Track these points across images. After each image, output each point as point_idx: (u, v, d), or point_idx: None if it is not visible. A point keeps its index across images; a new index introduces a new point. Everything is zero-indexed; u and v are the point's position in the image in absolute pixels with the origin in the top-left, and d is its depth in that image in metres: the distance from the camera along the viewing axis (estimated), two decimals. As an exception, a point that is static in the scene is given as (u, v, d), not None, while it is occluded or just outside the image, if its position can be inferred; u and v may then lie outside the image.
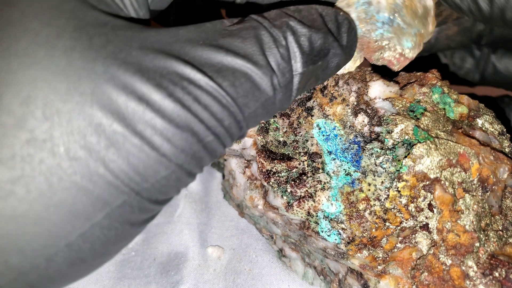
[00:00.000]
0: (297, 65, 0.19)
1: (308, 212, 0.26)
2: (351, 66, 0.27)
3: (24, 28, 0.16)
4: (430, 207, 0.25)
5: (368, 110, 0.27)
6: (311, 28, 0.20)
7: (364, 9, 0.25)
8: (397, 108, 0.27)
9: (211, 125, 0.17)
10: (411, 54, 0.26)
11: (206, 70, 0.17)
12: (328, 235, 0.26)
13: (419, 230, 0.25)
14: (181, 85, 0.16)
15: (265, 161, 0.28)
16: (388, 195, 0.25)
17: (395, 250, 0.25)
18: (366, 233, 0.25)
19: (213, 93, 0.17)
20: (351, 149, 0.27)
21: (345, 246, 0.25)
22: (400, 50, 0.26)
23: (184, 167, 0.17)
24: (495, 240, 0.26)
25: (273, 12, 0.20)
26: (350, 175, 0.26)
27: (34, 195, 0.15)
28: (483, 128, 0.28)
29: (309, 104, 0.29)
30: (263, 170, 0.27)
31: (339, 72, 0.27)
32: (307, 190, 0.26)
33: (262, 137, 0.29)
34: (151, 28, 0.18)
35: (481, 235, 0.25)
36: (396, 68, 0.26)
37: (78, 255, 0.17)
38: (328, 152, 0.27)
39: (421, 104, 0.27)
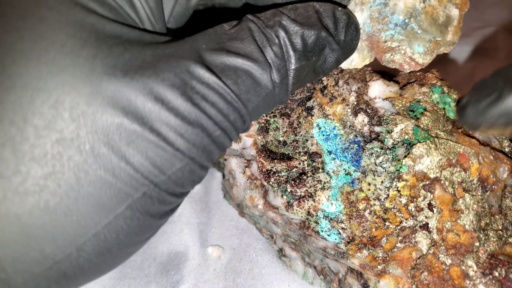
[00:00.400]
0: (290, 62, 0.21)
1: (308, 212, 0.26)
2: (358, 63, 0.26)
3: (52, 40, 0.17)
4: (430, 206, 0.25)
5: (368, 110, 0.27)
6: (303, 25, 0.21)
7: (379, 8, 0.24)
8: (397, 107, 0.27)
9: (218, 121, 0.19)
10: (422, 60, 0.25)
11: (212, 70, 0.19)
12: (328, 235, 0.26)
13: (419, 229, 0.25)
14: (191, 84, 0.18)
15: (265, 161, 0.28)
16: (388, 195, 0.25)
17: (395, 249, 0.25)
18: (366, 233, 0.25)
19: (219, 91, 0.18)
20: (351, 148, 0.27)
21: (345, 246, 0.25)
22: (410, 54, 0.25)
23: (196, 160, 0.19)
24: (495, 239, 0.26)
25: (269, 12, 0.21)
26: (350, 175, 0.26)
27: (64, 189, 0.17)
28: (483, 128, 0.28)
29: (309, 104, 0.29)
30: (263, 169, 0.27)
31: (345, 67, 0.26)
32: (307, 190, 0.26)
33: (262, 136, 0.29)
34: (162, 37, 0.20)
35: (481, 235, 0.25)
36: (407, 72, 0.26)
37: (105, 245, 0.18)
38: (328, 151, 0.27)
39: (421, 103, 0.27)
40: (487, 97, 0.22)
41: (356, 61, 0.26)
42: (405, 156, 0.25)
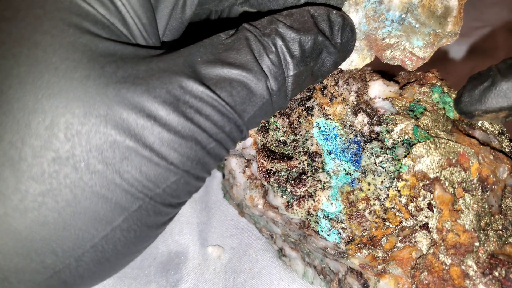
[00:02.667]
0: (288, 68, 0.21)
1: (308, 212, 0.26)
2: (358, 63, 0.26)
3: (46, 64, 0.18)
4: (430, 206, 0.25)
5: (368, 110, 0.27)
6: (300, 31, 0.21)
7: (374, 7, 0.24)
8: (397, 107, 0.27)
9: (212, 133, 0.19)
10: (422, 54, 0.25)
11: (206, 84, 0.19)
12: (328, 235, 0.26)
13: (419, 229, 0.25)
14: (184, 99, 0.18)
15: (265, 161, 0.28)
16: (388, 195, 0.25)
17: (395, 249, 0.25)
18: (366, 233, 0.25)
19: (213, 104, 0.19)
20: (351, 148, 0.27)
21: (345, 246, 0.25)
22: (410, 49, 0.25)
23: (191, 172, 0.19)
24: (494, 239, 0.26)
25: (265, 20, 0.21)
26: (350, 175, 0.26)
27: (61, 205, 0.17)
28: (483, 128, 0.28)
29: (309, 103, 0.29)
30: (263, 169, 0.27)
31: (346, 68, 0.26)
32: (307, 190, 0.26)
33: (262, 136, 0.29)
34: (156, 51, 0.20)
35: (480, 235, 0.25)
36: (410, 68, 0.26)
37: (103, 255, 0.19)
38: (328, 151, 0.27)
39: (421, 103, 0.27)
40: (481, 85, 0.24)
41: (356, 61, 0.26)
42: (405, 156, 0.25)
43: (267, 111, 0.21)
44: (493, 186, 0.26)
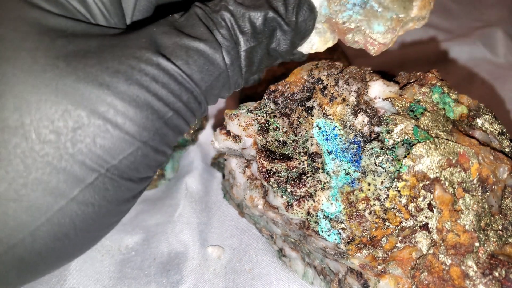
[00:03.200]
0: (239, 44, 0.21)
1: (308, 212, 0.26)
2: (319, 46, 0.26)
3: None
4: (430, 206, 0.25)
5: (368, 110, 0.27)
6: (249, 7, 0.21)
7: None
8: (397, 108, 0.27)
9: (169, 102, 0.19)
10: (383, 39, 0.24)
11: (162, 53, 0.19)
12: (328, 235, 0.26)
13: (419, 229, 0.25)
14: (138, 67, 0.18)
15: (265, 161, 0.28)
16: (388, 195, 0.25)
17: (395, 249, 0.25)
18: (366, 233, 0.25)
19: (169, 72, 0.19)
20: (351, 149, 0.27)
21: (345, 246, 0.25)
22: (370, 34, 0.24)
23: (149, 144, 0.19)
24: (495, 239, 0.26)
25: None
26: (350, 175, 0.26)
27: (12, 175, 0.17)
28: (483, 128, 0.28)
29: (309, 104, 0.29)
30: (263, 170, 0.27)
31: (306, 51, 0.25)
32: (307, 190, 0.26)
33: (262, 137, 0.29)
34: (112, 30, 0.20)
35: (481, 235, 0.25)
36: (372, 53, 0.25)
37: (60, 230, 0.18)
38: (328, 152, 0.27)
39: (421, 104, 0.27)
40: None
41: (317, 44, 0.25)
42: (405, 156, 0.25)
43: (225, 83, 0.21)
44: (493, 187, 0.26)
